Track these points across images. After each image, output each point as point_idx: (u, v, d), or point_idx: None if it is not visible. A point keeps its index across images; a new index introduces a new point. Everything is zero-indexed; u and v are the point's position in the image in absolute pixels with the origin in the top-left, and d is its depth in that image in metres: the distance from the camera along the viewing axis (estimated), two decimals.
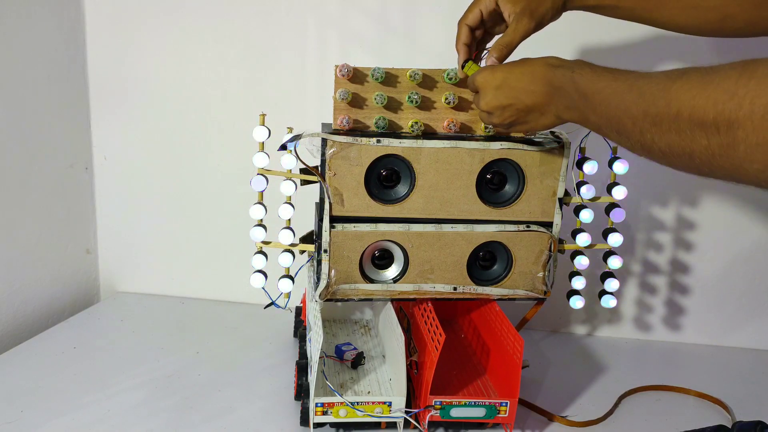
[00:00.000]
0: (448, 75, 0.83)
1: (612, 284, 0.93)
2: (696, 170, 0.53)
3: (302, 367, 0.90)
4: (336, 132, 0.82)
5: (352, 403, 0.82)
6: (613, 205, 0.91)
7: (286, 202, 0.86)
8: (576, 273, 0.93)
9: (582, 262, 0.91)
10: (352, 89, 0.82)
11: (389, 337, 0.92)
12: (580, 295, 0.94)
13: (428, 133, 0.85)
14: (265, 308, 0.95)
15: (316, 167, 0.83)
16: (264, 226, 0.87)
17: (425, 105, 0.84)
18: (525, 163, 0.85)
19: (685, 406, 0.99)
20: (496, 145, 0.84)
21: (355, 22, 1.15)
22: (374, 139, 0.82)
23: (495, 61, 0.78)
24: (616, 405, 0.96)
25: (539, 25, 0.81)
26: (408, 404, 0.84)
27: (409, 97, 0.82)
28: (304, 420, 0.85)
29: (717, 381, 1.06)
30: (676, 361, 1.15)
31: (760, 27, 0.78)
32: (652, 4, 0.82)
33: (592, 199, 0.90)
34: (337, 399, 0.82)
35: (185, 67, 1.21)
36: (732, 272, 1.19)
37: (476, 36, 0.83)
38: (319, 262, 0.85)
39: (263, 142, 0.85)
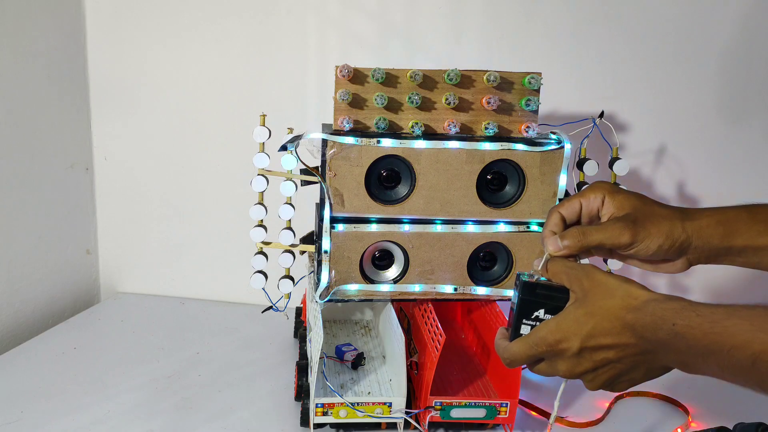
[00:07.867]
0: (448, 76, 0.83)
1: None
2: None
3: (302, 368, 0.90)
4: (336, 133, 0.82)
5: (352, 403, 0.82)
6: None
7: (287, 203, 0.86)
8: None
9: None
10: (353, 90, 0.82)
11: (389, 337, 0.92)
12: None
13: (429, 134, 0.85)
14: (263, 312, 0.95)
15: (317, 168, 0.83)
16: (264, 227, 0.87)
17: (426, 106, 0.84)
18: (525, 164, 0.85)
19: None
20: (497, 146, 0.84)
21: (355, 23, 1.15)
22: (374, 140, 0.82)
23: (558, 246, 0.64)
24: (612, 404, 0.96)
25: (644, 249, 0.64)
26: (408, 405, 0.84)
27: (410, 98, 0.82)
28: (305, 420, 0.85)
29: (717, 381, 1.05)
30: None
31: None
32: None
33: None
34: (337, 399, 0.82)
35: (185, 68, 1.21)
36: (732, 273, 1.19)
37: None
38: (320, 263, 0.85)
39: (263, 143, 0.85)
